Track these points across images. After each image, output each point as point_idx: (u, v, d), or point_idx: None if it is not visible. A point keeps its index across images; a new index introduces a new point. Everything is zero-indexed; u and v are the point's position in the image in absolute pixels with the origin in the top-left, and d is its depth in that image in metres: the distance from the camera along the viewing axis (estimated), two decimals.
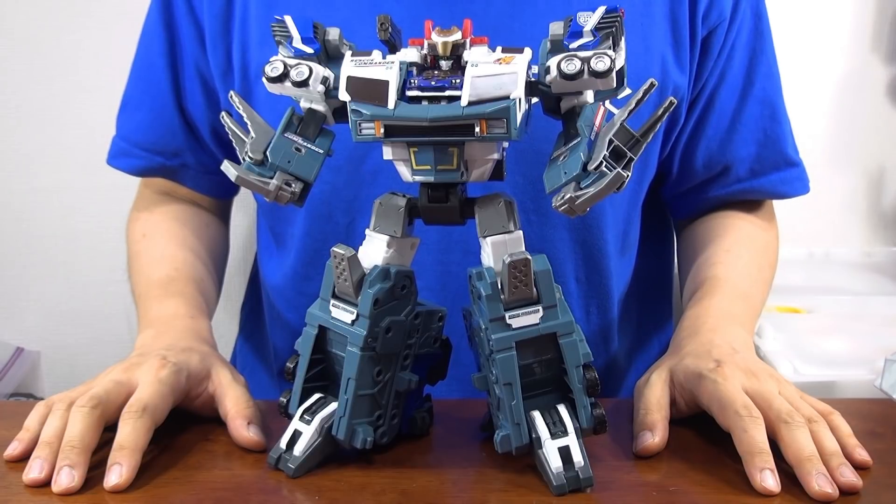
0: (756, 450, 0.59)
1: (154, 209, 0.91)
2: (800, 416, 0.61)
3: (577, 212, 0.53)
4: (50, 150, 1.26)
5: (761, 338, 0.97)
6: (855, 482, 0.58)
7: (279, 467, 0.61)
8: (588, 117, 0.56)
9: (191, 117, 0.88)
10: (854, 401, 0.76)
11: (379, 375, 0.60)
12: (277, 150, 0.58)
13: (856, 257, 1.30)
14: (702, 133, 0.86)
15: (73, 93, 1.24)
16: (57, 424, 0.61)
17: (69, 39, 1.23)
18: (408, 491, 0.59)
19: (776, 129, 0.87)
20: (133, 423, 0.60)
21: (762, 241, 0.89)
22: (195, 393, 0.68)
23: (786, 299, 1.09)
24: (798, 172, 0.89)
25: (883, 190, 1.34)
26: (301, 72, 0.57)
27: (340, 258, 0.59)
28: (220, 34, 0.83)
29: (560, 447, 0.57)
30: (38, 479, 0.58)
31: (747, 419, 0.60)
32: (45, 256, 1.30)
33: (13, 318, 1.33)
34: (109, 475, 0.58)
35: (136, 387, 0.64)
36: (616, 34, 0.55)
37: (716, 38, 0.82)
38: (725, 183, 0.88)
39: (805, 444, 0.59)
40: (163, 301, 0.80)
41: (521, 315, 0.57)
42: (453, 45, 0.56)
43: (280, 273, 0.90)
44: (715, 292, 0.79)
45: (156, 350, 0.69)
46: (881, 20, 1.28)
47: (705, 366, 0.66)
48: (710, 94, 0.85)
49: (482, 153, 0.57)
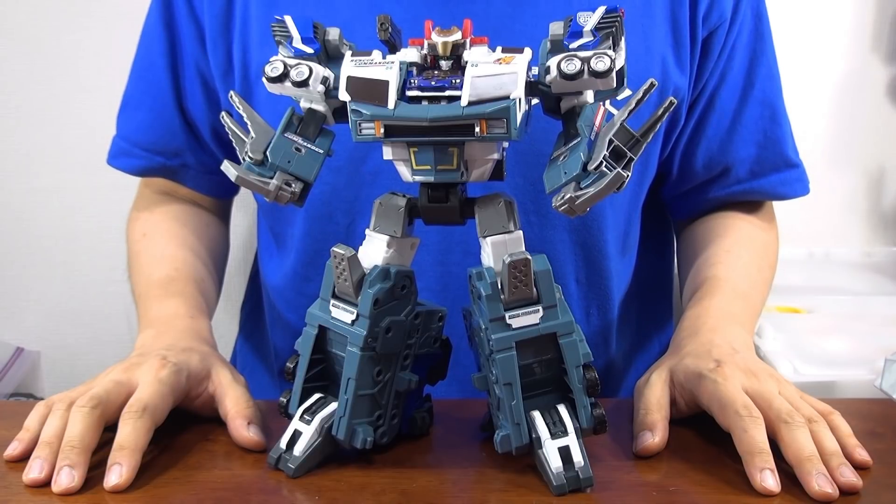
0: (756, 450, 0.59)
1: (154, 209, 0.91)
2: (800, 416, 0.61)
3: (577, 212, 0.53)
4: (50, 150, 1.26)
5: (761, 338, 0.97)
6: (855, 482, 0.58)
7: (279, 467, 0.61)
8: (588, 117, 0.56)
9: (191, 117, 0.88)
10: (854, 401, 0.76)
11: (379, 375, 0.60)
12: (277, 150, 0.58)
13: (856, 257, 1.30)
14: (702, 134, 0.86)
15: (73, 93, 1.24)
16: (57, 424, 0.61)
17: (69, 39, 1.23)
18: (408, 491, 0.59)
19: (776, 131, 0.87)
20: (133, 423, 0.60)
21: (762, 241, 0.89)
22: (195, 393, 0.68)
23: (786, 299, 1.09)
24: (798, 174, 0.89)
25: (883, 190, 1.34)
26: (301, 72, 0.57)
27: (340, 258, 0.59)
28: (221, 34, 0.83)
29: (560, 447, 0.57)
30: (38, 479, 0.58)
31: (747, 419, 0.60)
32: (45, 256, 1.30)
33: (13, 318, 1.33)
34: (109, 475, 0.58)
35: (136, 387, 0.64)
36: (616, 34, 0.55)
37: (716, 39, 0.82)
38: (725, 184, 0.88)
39: (805, 444, 0.59)
40: (163, 301, 0.80)
41: (521, 315, 0.57)
42: (453, 45, 0.56)
43: (280, 273, 0.90)
44: (715, 292, 0.79)
45: (156, 350, 0.69)
46: (881, 20, 1.28)
47: (705, 366, 0.66)
48: (711, 95, 0.85)
49: (482, 153, 0.57)
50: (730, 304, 0.78)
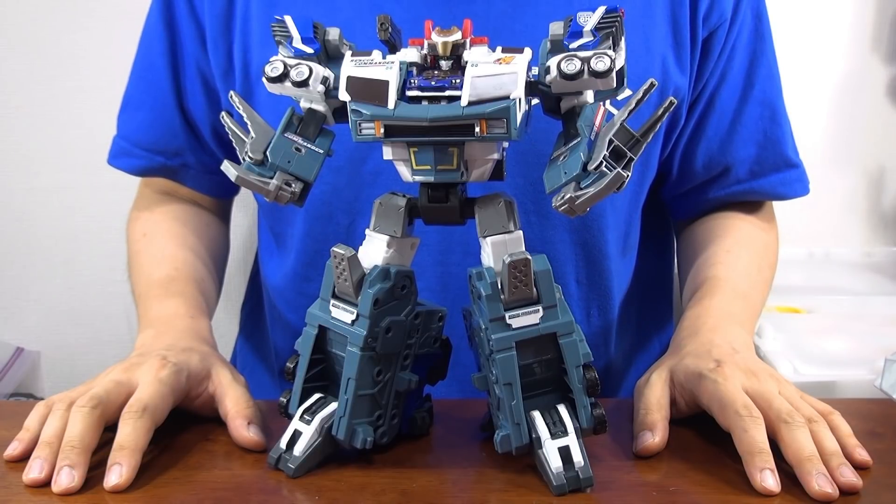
0: (756, 449, 0.59)
1: (154, 209, 0.91)
2: (800, 416, 0.61)
3: (577, 212, 0.53)
4: (50, 150, 1.26)
5: (761, 338, 0.97)
6: (855, 482, 0.58)
7: (279, 467, 0.61)
8: (588, 117, 0.56)
9: (191, 117, 0.88)
10: (854, 401, 0.76)
11: (379, 375, 0.60)
12: (277, 150, 0.58)
13: (856, 257, 1.30)
14: (702, 134, 0.86)
15: (73, 93, 1.24)
16: (57, 424, 0.61)
17: (69, 39, 1.23)
18: (408, 491, 0.59)
19: (776, 131, 0.87)
20: (133, 423, 0.60)
21: (762, 241, 0.89)
22: (195, 393, 0.68)
23: (786, 299, 1.09)
24: (798, 174, 0.89)
25: (883, 190, 1.34)
26: (301, 72, 0.57)
27: (340, 258, 0.59)
28: (221, 34, 0.83)
29: (560, 447, 0.57)
30: (38, 479, 0.58)
31: (747, 419, 0.60)
32: (45, 256, 1.30)
33: (13, 318, 1.33)
34: (109, 475, 0.58)
35: (136, 387, 0.64)
36: (616, 34, 0.55)
37: (716, 40, 0.82)
38: (725, 184, 0.88)
39: (805, 444, 0.59)
40: (163, 301, 0.80)
41: (521, 315, 0.57)
42: (453, 45, 0.56)
43: (280, 273, 0.90)
44: (715, 292, 0.79)
45: (156, 350, 0.69)
46: (881, 20, 1.28)
47: (705, 366, 0.66)
48: (711, 96, 0.85)
49: (482, 153, 0.57)
50: (730, 304, 0.78)
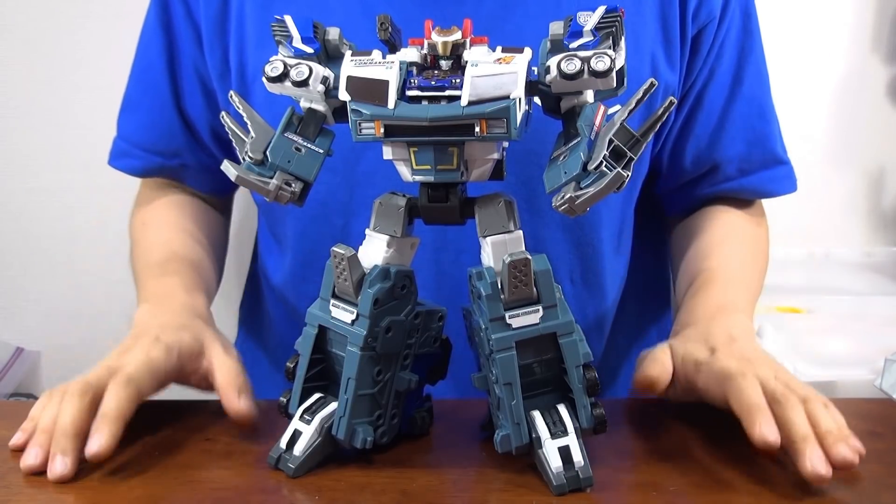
0: (753, 404, 0.58)
1: (154, 200, 0.92)
2: (794, 397, 0.60)
3: (577, 212, 0.53)
4: (50, 150, 1.26)
5: (761, 338, 0.97)
6: (851, 458, 0.56)
7: (279, 467, 0.61)
8: (588, 117, 0.56)
9: (190, 118, 0.88)
10: (854, 401, 0.76)
11: (379, 375, 0.60)
12: (277, 149, 0.58)
13: (856, 257, 1.31)
14: (690, 131, 0.86)
15: (73, 93, 1.24)
16: (52, 412, 0.62)
17: (69, 39, 1.23)
18: (408, 491, 0.59)
19: (764, 128, 0.87)
20: (116, 391, 0.61)
21: (753, 233, 0.89)
22: (191, 369, 0.68)
23: (786, 299, 1.09)
24: (786, 171, 0.89)
25: (883, 190, 1.34)
26: (301, 71, 0.57)
27: (340, 258, 0.59)
28: (217, 35, 0.83)
29: (560, 447, 0.57)
30: (34, 466, 0.59)
31: (742, 380, 0.60)
32: (45, 256, 1.30)
33: (13, 318, 1.33)
34: (90, 443, 0.58)
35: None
36: (616, 34, 0.55)
37: (705, 37, 0.82)
38: (714, 181, 0.89)
39: (800, 422, 0.58)
40: (159, 279, 0.81)
41: (521, 315, 0.57)
42: (453, 45, 0.56)
43: (280, 273, 0.90)
44: (710, 283, 0.79)
45: (150, 330, 0.69)
46: (881, 20, 1.28)
47: (701, 354, 0.66)
48: (699, 93, 0.85)
49: (482, 153, 0.57)
50: (726, 293, 0.78)
